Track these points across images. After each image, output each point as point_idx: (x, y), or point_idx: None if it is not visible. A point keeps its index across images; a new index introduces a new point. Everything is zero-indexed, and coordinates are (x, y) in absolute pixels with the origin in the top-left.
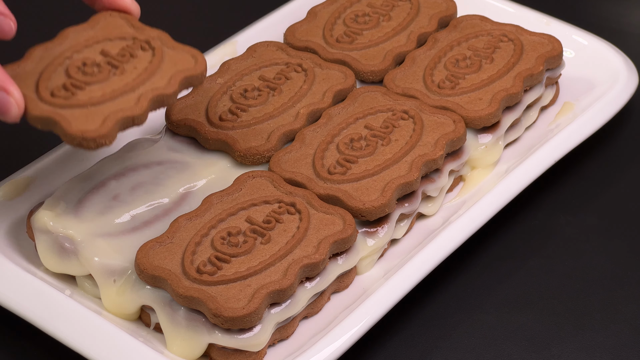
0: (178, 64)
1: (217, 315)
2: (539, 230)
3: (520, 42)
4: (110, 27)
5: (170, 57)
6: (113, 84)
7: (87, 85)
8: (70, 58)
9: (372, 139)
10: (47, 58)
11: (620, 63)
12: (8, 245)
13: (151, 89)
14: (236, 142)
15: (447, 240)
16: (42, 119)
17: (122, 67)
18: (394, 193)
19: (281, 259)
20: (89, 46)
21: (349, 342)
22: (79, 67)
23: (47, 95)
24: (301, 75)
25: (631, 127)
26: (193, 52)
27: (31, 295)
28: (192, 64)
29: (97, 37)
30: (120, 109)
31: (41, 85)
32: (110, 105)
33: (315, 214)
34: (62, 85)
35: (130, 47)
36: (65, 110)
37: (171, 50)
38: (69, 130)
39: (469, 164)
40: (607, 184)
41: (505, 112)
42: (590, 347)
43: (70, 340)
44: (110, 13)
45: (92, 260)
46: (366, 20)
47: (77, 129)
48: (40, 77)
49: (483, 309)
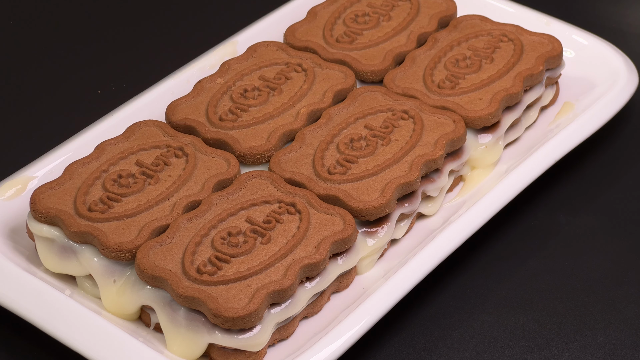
0: (211, 169)
1: (217, 315)
2: (539, 230)
3: (520, 42)
4: (144, 136)
5: (203, 162)
6: (148, 194)
7: (123, 197)
8: (106, 171)
9: (372, 139)
10: (85, 173)
11: (620, 63)
12: (8, 245)
13: (185, 195)
14: (236, 142)
15: (447, 240)
16: (80, 234)
17: (157, 176)
18: (394, 193)
19: (281, 259)
20: (124, 158)
21: (349, 342)
22: (115, 179)
23: (84, 210)
24: (301, 75)
25: (631, 127)
26: (226, 156)
27: (31, 295)
28: (225, 168)
29: (132, 148)
30: (155, 218)
31: (78, 201)
32: (146, 215)
33: (315, 214)
34: (99, 199)
35: (165, 155)
36: (102, 224)
37: (204, 155)
38: (106, 244)
39: (469, 164)
40: (607, 184)
41: (505, 112)
42: (590, 347)
43: (70, 340)
44: (144, 122)
45: (92, 260)
46: (366, 20)
47: (113, 242)
48: (77, 192)
49: (483, 309)
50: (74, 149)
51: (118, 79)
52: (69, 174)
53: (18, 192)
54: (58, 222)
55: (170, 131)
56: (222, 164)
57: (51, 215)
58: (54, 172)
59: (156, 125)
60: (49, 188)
